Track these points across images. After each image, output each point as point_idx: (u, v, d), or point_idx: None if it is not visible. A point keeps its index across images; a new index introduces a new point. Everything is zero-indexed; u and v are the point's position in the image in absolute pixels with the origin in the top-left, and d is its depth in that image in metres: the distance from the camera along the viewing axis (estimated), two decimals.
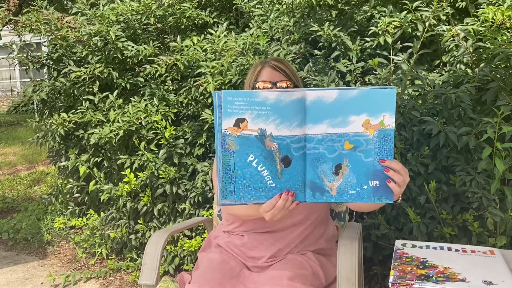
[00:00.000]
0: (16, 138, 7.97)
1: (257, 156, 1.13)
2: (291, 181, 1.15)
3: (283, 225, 1.52)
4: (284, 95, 1.11)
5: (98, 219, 2.87)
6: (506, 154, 1.73)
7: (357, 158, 1.13)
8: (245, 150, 1.12)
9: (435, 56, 2.38)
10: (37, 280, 2.74)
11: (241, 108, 1.11)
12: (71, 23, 2.86)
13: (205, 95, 2.46)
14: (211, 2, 3.00)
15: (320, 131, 1.13)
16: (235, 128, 1.11)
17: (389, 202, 1.15)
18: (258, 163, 1.13)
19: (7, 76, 13.64)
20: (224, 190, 1.13)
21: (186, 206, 2.45)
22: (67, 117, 2.63)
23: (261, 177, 1.14)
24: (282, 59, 1.61)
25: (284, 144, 1.13)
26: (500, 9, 2.03)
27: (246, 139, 1.12)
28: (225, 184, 1.13)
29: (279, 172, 1.14)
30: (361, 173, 1.13)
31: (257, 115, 1.11)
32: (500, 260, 1.22)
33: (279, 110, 1.12)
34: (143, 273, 1.55)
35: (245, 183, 1.13)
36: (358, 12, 2.49)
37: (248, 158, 1.13)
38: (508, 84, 1.87)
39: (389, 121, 1.11)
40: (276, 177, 1.14)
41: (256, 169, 1.13)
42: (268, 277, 1.36)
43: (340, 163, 1.14)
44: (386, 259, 2.15)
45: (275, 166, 1.13)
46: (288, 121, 1.12)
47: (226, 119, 1.11)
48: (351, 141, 1.13)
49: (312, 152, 1.14)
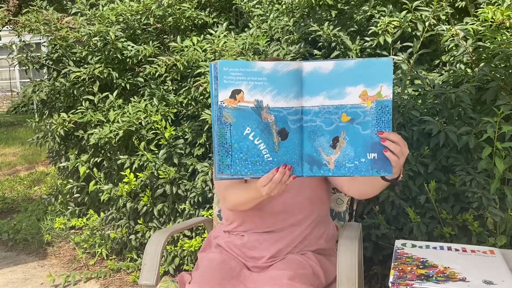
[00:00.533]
0: (16, 138, 7.96)
1: (254, 129, 1.11)
2: (288, 154, 1.13)
3: (283, 224, 1.51)
4: (280, 66, 1.10)
5: (98, 219, 2.87)
6: (506, 153, 1.73)
7: (354, 130, 1.11)
8: (242, 122, 1.11)
9: (435, 55, 2.38)
10: (37, 280, 2.74)
11: (237, 79, 1.10)
12: (71, 23, 2.86)
13: (205, 95, 2.46)
14: (211, 2, 3.00)
15: (317, 103, 1.12)
16: (232, 100, 1.10)
17: (388, 175, 1.13)
18: (254, 136, 1.12)
19: (6, 76, 13.64)
20: (221, 163, 1.11)
21: (186, 206, 2.45)
22: (67, 117, 2.63)
23: (258, 150, 1.12)
24: (279, 58, 1.61)
25: (280, 116, 1.11)
26: (499, 9, 2.03)
27: (242, 111, 1.11)
28: (222, 158, 1.11)
29: (276, 145, 1.12)
30: (359, 145, 1.11)
31: (253, 86, 1.10)
32: (500, 260, 1.22)
33: (276, 81, 1.10)
34: (143, 273, 1.55)
35: (242, 156, 1.12)
36: (357, 12, 2.49)
37: (244, 131, 1.11)
38: (508, 84, 1.87)
39: (387, 92, 1.10)
40: (273, 150, 1.12)
41: (253, 143, 1.12)
42: (268, 277, 1.36)
43: (337, 135, 1.12)
44: (386, 259, 2.15)
45: (272, 139, 1.12)
46: (284, 92, 1.11)
47: (222, 91, 1.09)
48: (348, 113, 1.11)
49: (309, 125, 1.13)
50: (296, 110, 1.12)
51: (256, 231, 1.53)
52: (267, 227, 1.52)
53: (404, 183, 1.95)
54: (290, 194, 1.51)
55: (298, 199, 1.52)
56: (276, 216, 1.51)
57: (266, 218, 1.52)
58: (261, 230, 1.53)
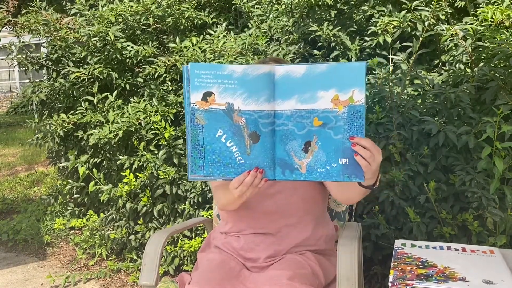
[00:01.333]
0: (16, 139, 7.96)
1: (226, 132, 1.12)
2: (260, 157, 1.13)
3: (277, 225, 1.51)
4: (251, 69, 1.10)
5: (98, 220, 2.87)
6: (506, 153, 1.73)
7: (326, 135, 1.11)
8: (214, 125, 1.12)
9: (434, 55, 2.38)
10: (37, 281, 2.74)
11: (208, 82, 1.10)
12: (70, 24, 2.86)
13: None
14: (210, 3, 3.00)
15: (289, 106, 1.12)
16: (203, 102, 1.11)
17: (359, 181, 1.13)
18: (226, 138, 1.13)
19: (6, 77, 13.64)
20: (194, 165, 1.13)
21: (186, 206, 2.45)
22: (67, 118, 2.63)
23: (230, 153, 1.13)
24: (281, 59, 1.61)
25: (251, 119, 1.12)
26: (499, 8, 2.03)
27: (214, 114, 1.12)
28: (194, 159, 1.13)
29: (248, 148, 1.13)
30: (330, 150, 1.11)
31: (224, 88, 1.11)
32: (500, 260, 1.22)
33: (246, 84, 1.10)
34: (142, 273, 1.55)
35: (214, 158, 1.13)
36: (357, 11, 2.49)
37: (216, 133, 1.12)
38: (508, 84, 1.87)
39: (359, 97, 1.09)
40: (245, 153, 1.13)
41: (225, 145, 1.13)
42: (267, 277, 1.36)
43: (309, 140, 1.12)
44: (386, 258, 2.15)
45: (243, 142, 1.13)
46: (255, 96, 1.11)
47: (194, 93, 1.10)
48: (320, 117, 1.11)
49: (281, 129, 1.13)
50: (268, 114, 1.12)
51: (251, 232, 1.53)
52: (261, 228, 1.52)
53: (403, 183, 1.95)
54: (283, 195, 1.51)
55: (292, 200, 1.51)
56: (268, 217, 1.51)
57: (259, 218, 1.51)
58: (255, 231, 1.52)
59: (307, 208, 1.53)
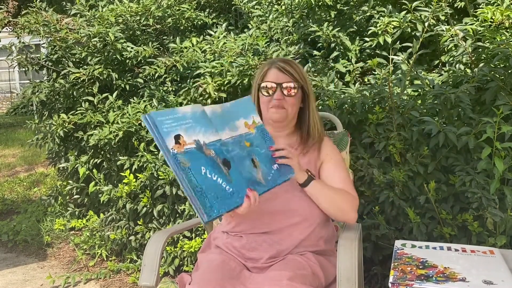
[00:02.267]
0: (16, 139, 7.96)
1: (207, 167, 1.17)
2: (240, 180, 1.23)
3: (280, 225, 1.51)
4: (195, 108, 1.23)
5: (98, 220, 2.86)
6: (506, 153, 1.73)
7: (257, 151, 1.34)
8: (196, 164, 1.15)
9: (434, 56, 2.38)
10: (37, 281, 2.74)
11: (172, 125, 1.16)
12: (70, 24, 2.87)
13: (204, 96, 2.46)
14: (210, 3, 3.01)
15: (228, 136, 1.28)
16: (178, 145, 1.14)
17: (292, 175, 1.40)
18: (210, 173, 1.17)
19: (6, 77, 13.64)
20: (204, 207, 1.13)
21: (186, 207, 2.45)
22: (67, 119, 2.63)
23: (219, 185, 1.18)
24: (290, 60, 1.61)
25: (217, 148, 1.22)
26: (499, 9, 2.03)
27: (191, 153, 1.16)
28: (202, 202, 1.13)
29: (228, 175, 1.20)
30: (266, 162, 1.35)
31: (186, 128, 1.17)
32: (500, 260, 1.22)
33: (199, 120, 1.21)
34: (143, 274, 1.54)
35: (214, 195, 1.15)
36: (357, 12, 2.49)
37: (202, 171, 1.16)
38: (507, 84, 1.88)
39: (257, 119, 1.40)
40: (229, 182, 1.20)
41: (212, 179, 1.17)
42: (268, 278, 1.36)
43: (252, 158, 1.31)
44: (386, 259, 2.14)
45: (222, 172, 1.20)
46: (209, 129, 1.23)
47: (167, 139, 1.13)
48: (247, 139, 1.33)
49: (235, 154, 1.26)
50: (224, 142, 1.26)
51: (254, 231, 1.53)
52: (265, 228, 1.52)
53: (403, 183, 1.95)
54: (288, 195, 1.51)
55: (296, 201, 1.52)
56: (273, 217, 1.51)
57: (263, 218, 1.51)
58: (258, 231, 1.52)
59: (312, 210, 1.54)
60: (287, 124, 1.62)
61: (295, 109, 1.59)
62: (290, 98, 1.55)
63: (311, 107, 1.62)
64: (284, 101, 1.54)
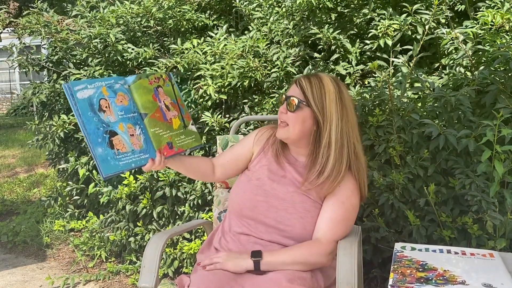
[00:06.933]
0: (16, 140, 7.97)
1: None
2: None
3: (275, 238, 1.50)
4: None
5: (98, 221, 2.86)
6: (506, 156, 1.73)
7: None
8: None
9: (434, 59, 2.38)
10: (36, 283, 2.73)
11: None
12: (71, 25, 2.87)
13: (205, 97, 2.46)
14: (211, 5, 3.01)
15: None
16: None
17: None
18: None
19: (6, 78, 13.66)
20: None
21: (186, 208, 2.45)
22: (67, 119, 2.63)
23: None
24: (314, 77, 1.48)
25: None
26: (499, 12, 2.03)
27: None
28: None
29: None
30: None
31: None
32: (500, 263, 1.22)
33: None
34: (142, 276, 1.54)
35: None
36: (357, 15, 2.49)
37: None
38: (508, 87, 1.88)
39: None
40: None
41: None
42: (267, 279, 1.36)
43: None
44: (385, 261, 2.14)
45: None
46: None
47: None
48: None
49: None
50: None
51: (251, 234, 1.53)
52: (260, 234, 1.52)
53: (403, 186, 1.95)
54: (282, 213, 1.50)
55: (291, 219, 1.49)
56: (267, 229, 1.51)
57: (257, 226, 1.52)
58: (257, 236, 1.53)
59: (307, 233, 1.51)
60: (295, 143, 1.54)
61: (298, 128, 1.47)
62: (291, 114, 1.47)
63: (332, 139, 1.44)
64: (287, 117, 1.48)
